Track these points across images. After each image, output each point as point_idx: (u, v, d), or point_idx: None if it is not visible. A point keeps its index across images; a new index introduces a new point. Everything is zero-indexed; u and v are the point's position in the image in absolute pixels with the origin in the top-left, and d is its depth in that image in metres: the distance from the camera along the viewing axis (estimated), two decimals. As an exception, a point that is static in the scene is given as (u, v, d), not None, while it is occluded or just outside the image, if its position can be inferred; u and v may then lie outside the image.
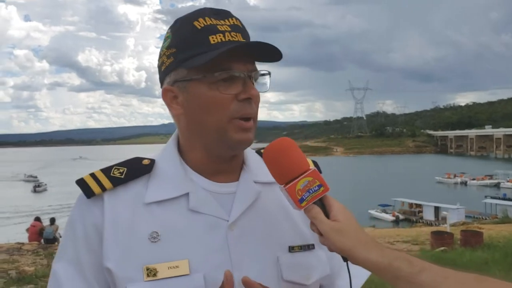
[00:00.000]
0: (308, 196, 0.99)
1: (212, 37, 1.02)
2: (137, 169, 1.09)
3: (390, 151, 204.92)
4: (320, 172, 1.30)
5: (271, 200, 1.12)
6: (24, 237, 15.76)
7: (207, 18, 1.04)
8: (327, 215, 0.99)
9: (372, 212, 41.54)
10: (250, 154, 1.17)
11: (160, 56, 1.11)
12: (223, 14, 1.07)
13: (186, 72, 1.05)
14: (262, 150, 1.15)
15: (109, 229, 1.02)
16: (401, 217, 39.67)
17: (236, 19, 1.08)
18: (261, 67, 1.10)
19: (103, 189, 1.05)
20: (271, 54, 1.05)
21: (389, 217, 39.59)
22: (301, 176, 1.00)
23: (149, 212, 1.04)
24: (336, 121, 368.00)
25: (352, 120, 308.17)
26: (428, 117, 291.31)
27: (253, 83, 1.05)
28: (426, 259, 0.95)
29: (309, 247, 1.12)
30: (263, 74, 1.09)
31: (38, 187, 67.42)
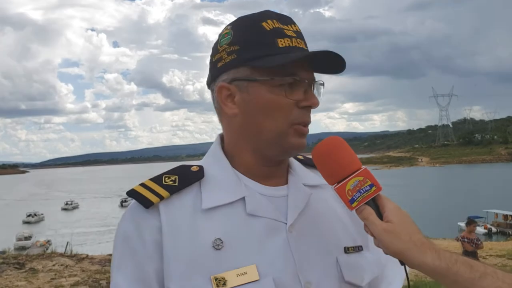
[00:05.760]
0: (359, 196, 0.96)
1: (280, 41, 1.01)
2: (189, 176, 1.05)
3: (480, 160, 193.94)
4: None
5: (321, 202, 1.11)
6: (115, 250, 16.64)
7: (275, 21, 1.04)
8: (380, 216, 0.96)
9: (462, 224, 39.09)
10: (291, 159, 1.16)
11: (218, 52, 1.07)
12: (287, 20, 1.06)
13: (249, 71, 1.02)
14: (299, 156, 1.19)
15: (169, 241, 0.97)
16: (494, 229, 37.28)
17: (297, 26, 1.07)
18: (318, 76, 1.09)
19: (161, 198, 1.00)
20: (335, 66, 1.05)
21: (481, 229, 37.08)
22: (351, 176, 0.97)
23: (207, 219, 1.00)
24: (420, 130, 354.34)
25: (437, 128, 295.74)
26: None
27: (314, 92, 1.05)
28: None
29: (359, 249, 1.11)
30: (321, 84, 1.08)
31: (125, 202, 70.01)
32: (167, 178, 1.04)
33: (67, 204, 74.89)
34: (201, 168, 1.07)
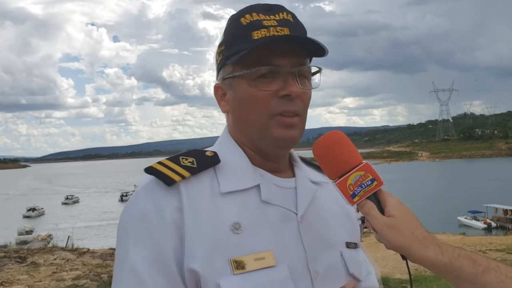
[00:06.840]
0: (360, 191, 0.96)
1: (256, 33, 1.00)
2: (207, 160, 1.04)
3: (480, 155, 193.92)
4: None
5: (324, 197, 1.13)
6: (116, 244, 16.67)
7: (254, 14, 1.02)
8: (382, 210, 0.96)
9: (462, 219, 39.40)
10: (295, 154, 1.16)
11: (215, 53, 1.11)
12: (275, 9, 1.04)
13: (231, 69, 1.04)
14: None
15: (190, 222, 0.96)
16: (493, 224, 37.29)
17: (288, 13, 1.05)
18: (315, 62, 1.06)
19: (182, 177, 0.98)
20: (316, 48, 1.02)
21: (480, 224, 37.31)
22: (352, 171, 0.97)
23: (225, 203, 1.00)
24: (420, 125, 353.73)
25: (437, 123, 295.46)
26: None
27: (296, 80, 1.01)
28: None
29: (356, 245, 1.15)
30: (312, 71, 1.06)
31: (125, 196, 69.57)
32: (184, 159, 1.03)
33: (67, 198, 74.87)
34: (215, 153, 1.06)
